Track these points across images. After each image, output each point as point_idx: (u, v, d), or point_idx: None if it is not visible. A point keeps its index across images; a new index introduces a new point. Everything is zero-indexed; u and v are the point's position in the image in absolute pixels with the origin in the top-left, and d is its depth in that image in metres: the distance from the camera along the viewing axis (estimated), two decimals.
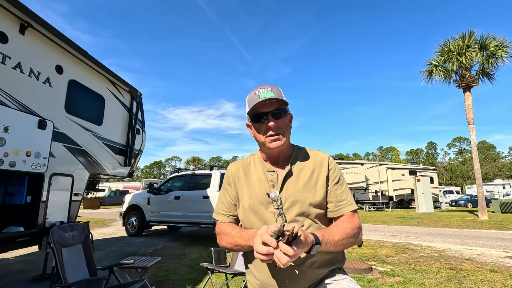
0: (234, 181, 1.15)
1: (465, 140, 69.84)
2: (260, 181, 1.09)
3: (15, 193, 3.46)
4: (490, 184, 30.40)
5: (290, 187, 1.05)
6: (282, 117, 1.04)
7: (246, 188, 1.11)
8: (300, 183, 1.05)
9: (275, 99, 1.00)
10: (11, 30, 3.01)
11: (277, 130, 1.03)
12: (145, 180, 25.82)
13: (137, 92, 5.51)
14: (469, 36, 14.09)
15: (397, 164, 27.03)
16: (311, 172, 1.07)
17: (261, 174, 1.10)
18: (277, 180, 1.06)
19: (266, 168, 1.10)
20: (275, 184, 1.06)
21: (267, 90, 1.02)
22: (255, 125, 1.06)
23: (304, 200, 1.02)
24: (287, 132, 1.06)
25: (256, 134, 1.08)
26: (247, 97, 1.08)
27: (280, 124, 1.03)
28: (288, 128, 1.07)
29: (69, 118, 3.84)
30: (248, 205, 1.07)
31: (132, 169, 5.47)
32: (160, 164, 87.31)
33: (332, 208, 1.06)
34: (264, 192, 1.05)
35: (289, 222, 1.01)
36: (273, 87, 1.04)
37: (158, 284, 3.97)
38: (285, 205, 1.02)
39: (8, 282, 4.05)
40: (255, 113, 1.04)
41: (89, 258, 3.16)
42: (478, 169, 13.73)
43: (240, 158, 1.24)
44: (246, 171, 1.15)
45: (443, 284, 3.85)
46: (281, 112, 1.03)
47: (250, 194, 1.08)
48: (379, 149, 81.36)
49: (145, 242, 7.43)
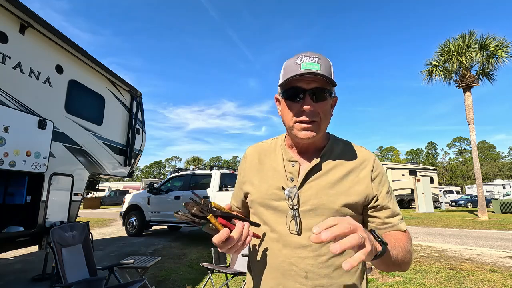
0: (245, 167, 0.95)
1: (465, 140, 69.84)
2: (276, 171, 0.86)
3: (15, 193, 3.47)
4: (490, 184, 30.39)
5: (314, 185, 0.80)
6: (324, 100, 0.78)
7: (257, 177, 0.89)
8: (329, 182, 0.80)
9: (321, 75, 0.73)
10: (11, 30, 3.01)
11: (313, 116, 0.77)
12: (145, 180, 25.82)
13: (137, 92, 5.51)
14: (469, 36, 14.09)
15: (397, 164, 27.02)
16: (347, 171, 0.82)
17: (279, 163, 0.87)
18: (298, 173, 0.82)
19: (287, 157, 0.86)
20: (294, 177, 0.82)
21: (313, 60, 0.76)
22: (286, 102, 0.80)
23: (329, 205, 0.78)
24: (325, 121, 0.81)
25: (284, 114, 0.82)
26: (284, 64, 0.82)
27: (319, 109, 0.77)
28: (328, 116, 0.82)
29: (69, 118, 3.84)
30: (256, 199, 0.86)
31: (132, 169, 5.47)
32: (160, 164, 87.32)
33: (379, 225, 0.81)
34: (278, 185, 0.82)
35: (305, 229, 0.77)
36: (321, 58, 0.77)
37: (158, 284, 3.97)
38: (303, 207, 0.78)
39: (8, 282, 4.05)
40: (289, 87, 0.78)
41: (89, 258, 3.17)
42: (478, 169, 13.72)
43: (261, 141, 1.00)
44: (263, 157, 0.92)
45: (443, 284, 3.85)
46: (324, 93, 0.77)
47: (260, 186, 0.86)
48: (379, 149, 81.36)
49: (145, 242, 7.43)
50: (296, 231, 0.78)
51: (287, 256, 0.78)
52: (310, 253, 0.76)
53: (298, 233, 0.78)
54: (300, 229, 0.78)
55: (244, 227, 0.72)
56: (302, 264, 0.76)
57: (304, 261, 0.76)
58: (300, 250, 0.77)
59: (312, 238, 0.52)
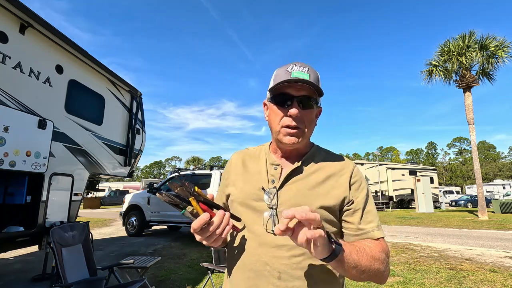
0: (229, 170, 0.98)
1: (465, 140, 69.86)
2: (259, 173, 0.89)
3: (15, 193, 3.47)
4: (490, 184, 30.40)
5: (294, 187, 0.83)
6: (311, 108, 0.83)
7: (240, 180, 0.92)
8: (308, 185, 0.83)
9: (310, 83, 0.78)
10: (11, 29, 3.01)
11: (299, 122, 0.81)
12: (145, 180, 25.83)
13: (137, 92, 5.51)
14: (469, 36, 14.09)
15: (397, 164, 27.03)
16: (326, 176, 0.85)
17: (262, 167, 0.90)
18: (279, 175, 0.86)
19: (271, 161, 0.90)
20: (275, 180, 0.85)
21: (303, 69, 0.80)
22: (273, 108, 0.84)
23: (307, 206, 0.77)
24: (310, 129, 0.85)
25: (271, 118, 0.86)
26: (275, 71, 0.87)
27: (305, 117, 0.82)
28: (312, 124, 0.86)
29: (69, 118, 3.84)
30: (237, 199, 0.88)
31: (132, 169, 5.47)
32: (160, 164, 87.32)
33: (353, 231, 0.81)
34: (260, 186, 0.85)
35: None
36: (310, 69, 0.82)
37: (158, 284, 3.97)
38: (281, 207, 0.80)
39: (8, 282, 4.05)
40: (279, 93, 0.82)
41: (89, 258, 3.17)
42: (478, 169, 13.72)
43: (247, 148, 1.05)
44: (247, 161, 0.96)
45: (443, 284, 3.85)
46: (311, 102, 0.82)
47: (243, 188, 0.89)
48: (379, 149, 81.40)
49: (145, 242, 7.43)
50: (272, 230, 0.77)
51: (261, 255, 0.78)
52: (285, 252, 0.76)
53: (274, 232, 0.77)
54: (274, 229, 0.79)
55: (224, 216, 0.72)
56: (276, 264, 0.76)
57: (278, 261, 0.76)
58: (274, 249, 0.77)
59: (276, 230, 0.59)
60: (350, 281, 4.01)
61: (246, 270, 0.81)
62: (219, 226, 0.71)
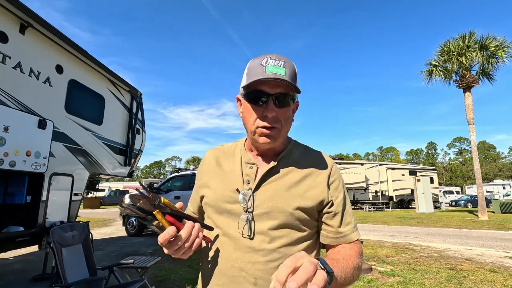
0: (203, 170, 0.92)
1: (465, 140, 69.87)
2: (234, 173, 0.83)
3: (15, 193, 3.47)
4: (490, 184, 30.41)
5: (270, 188, 0.78)
6: (287, 106, 0.77)
7: (214, 180, 0.86)
8: (285, 185, 0.78)
9: (286, 81, 0.71)
10: (11, 29, 3.01)
11: (275, 122, 0.76)
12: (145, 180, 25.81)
13: (137, 91, 5.51)
14: (469, 36, 14.10)
15: (397, 164, 27.04)
16: (304, 175, 0.81)
17: (236, 166, 0.85)
18: (254, 175, 0.80)
19: (246, 159, 0.84)
20: (251, 180, 0.80)
21: (279, 63, 0.73)
22: (247, 106, 0.78)
23: (284, 208, 0.75)
24: (286, 127, 0.80)
25: (245, 117, 0.80)
26: (248, 64, 0.79)
27: (281, 116, 0.76)
28: (289, 122, 0.81)
29: (69, 118, 3.84)
30: (210, 202, 0.83)
31: (132, 169, 5.47)
32: (160, 164, 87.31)
33: (333, 234, 0.80)
34: (234, 187, 0.79)
35: (258, 232, 0.75)
36: (287, 62, 0.74)
37: (158, 284, 3.97)
38: (258, 210, 0.76)
39: (8, 282, 4.05)
40: (252, 90, 0.75)
41: (89, 258, 3.17)
42: (478, 169, 13.73)
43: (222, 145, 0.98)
44: (222, 160, 0.90)
45: (443, 284, 3.85)
46: (287, 99, 0.76)
47: (216, 189, 0.83)
48: (379, 149, 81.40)
49: (145, 242, 7.43)
50: (248, 234, 0.74)
51: (237, 261, 0.74)
52: (261, 257, 0.73)
53: (250, 237, 0.74)
54: (252, 232, 0.75)
55: (193, 228, 0.68)
56: (252, 269, 0.73)
57: (254, 266, 0.72)
58: (251, 254, 0.73)
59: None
60: None
61: (220, 276, 0.77)
62: (187, 240, 0.66)
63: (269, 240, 0.74)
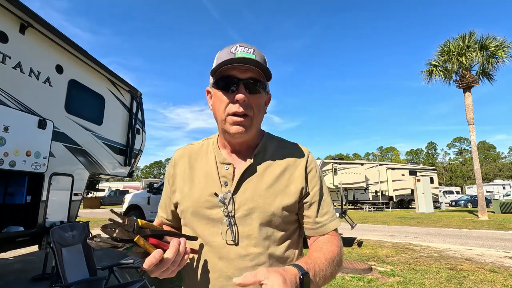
0: (174, 173, 0.86)
1: (465, 140, 69.88)
2: (209, 176, 0.79)
3: (15, 193, 3.47)
4: (490, 184, 30.41)
5: (249, 188, 0.75)
6: (258, 93, 0.74)
7: (188, 185, 0.81)
8: (264, 183, 0.75)
9: (257, 63, 0.70)
10: (11, 29, 3.01)
11: (246, 108, 0.72)
12: (145, 180, 25.82)
13: (137, 91, 5.51)
14: (469, 36, 14.10)
15: (397, 164, 27.04)
16: (282, 170, 0.78)
17: (211, 167, 0.80)
18: (232, 176, 0.77)
19: (220, 159, 0.80)
20: (228, 181, 0.76)
21: (248, 50, 0.73)
22: (217, 94, 0.75)
23: (265, 208, 0.73)
24: (258, 117, 0.77)
25: (216, 106, 0.77)
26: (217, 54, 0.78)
27: (252, 102, 0.73)
28: (262, 111, 0.78)
29: (69, 118, 3.84)
30: (188, 209, 0.78)
31: (132, 168, 5.47)
32: (160, 164, 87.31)
33: (311, 225, 0.78)
34: (211, 191, 0.75)
35: (242, 236, 0.72)
36: (256, 50, 0.74)
37: (158, 284, 3.97)
38: (239, 212, 0.73)
39: (8, 282, 4.05)
40: (222, 76, 0.73)
41: (89, 258, 3.16)
42: (478, 169, 13.73)
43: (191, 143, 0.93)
44: (194, 161, 0.85)
45: (443, 284, 3.85)
46: (258, 85, 0.74)
47: (191, 194, 0.78)
48: (379, 149, 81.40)
49: None
50: (232, 240, 0.71)
51: (223, 270, 0.71)
52: (248, 262, 0.70)
53: (235, 242, 0.71)
54: (237, 238, 0.71)
55: (180, 245, 0.64)
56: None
57: (242, 272, 0.67)
58: (237, 260, 0.70)
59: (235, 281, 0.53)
60: (344, 283, 4.01)
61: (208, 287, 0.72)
62: (175, 260, 0.62)
63: (254, 244, 0.71)
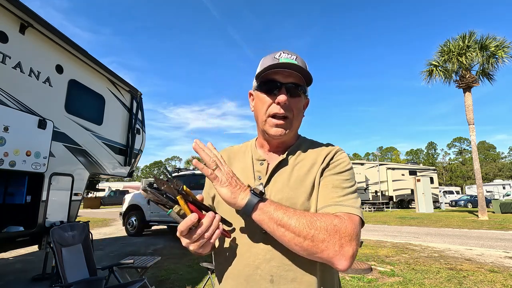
0: None
1: (465, 140, 69.86)
2: (245, 171, 0.85)
3: (15, 193, 3.47)
4: (490, 185, 30.40)
5: (280, 181, 0.79)
6: (299, 96, 0.79)
7: None
8: (293, 177, 0.79)
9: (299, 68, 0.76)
10: (11, 29, 3.01)
11: (287, 110, 0.77)
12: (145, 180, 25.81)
13: (137, 91, 5.51)
14: (469, 36, 14.10)
15: (397, 164, 27.03)
16: (310, 166, 0.80)
17: (247, 163, 0.86)
18: (266, 171, 0.82)
19: (256, 156, 0.86)
20: (262, 175, 0.82)
21: (291, 57, 0.78)
22: (260, 96, 0.80)
23: (294, 200, 0.75)
24: (297, 119, 0.82)
25: (258, 108, 0.82)
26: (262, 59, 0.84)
27: (293, 105, 0.78)
28: (300, 114, 0.83)
29: (69, 118, 3.84)
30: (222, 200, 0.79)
31: (132, 168, 5.47)
32: (160, 164, 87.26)
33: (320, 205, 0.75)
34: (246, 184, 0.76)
35: None
36: (299, 57, 0.80)
37: (158, 284, 3.97)
38: None
39: (8, 282, 4.05)
40: (266, 80, 0.78)
41: (89, 258, 3.17)
42: (478, 169, 13.73)
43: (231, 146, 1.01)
44: (233, 159, 0.91)
45: (443, 284, 3.85)
46: (299, 90, 0.79)
47: None
48: (379, 149, 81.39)
49: (145, 242, 7.43)
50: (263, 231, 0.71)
51: (251, 259, 0.73)
52: (276, 253, 0.72)
53: (263, 231, 0.71)
54: None
55: (215, 218, 0.66)
56: (268, 266, 0.72)
57: (270, 263, 0.72)
58: (265, 251, 0.73)
59: None
60: (344, 283, 4.01)
61: (236, 276, 0.75)
62: (208, 229, 0.64)
63: None
